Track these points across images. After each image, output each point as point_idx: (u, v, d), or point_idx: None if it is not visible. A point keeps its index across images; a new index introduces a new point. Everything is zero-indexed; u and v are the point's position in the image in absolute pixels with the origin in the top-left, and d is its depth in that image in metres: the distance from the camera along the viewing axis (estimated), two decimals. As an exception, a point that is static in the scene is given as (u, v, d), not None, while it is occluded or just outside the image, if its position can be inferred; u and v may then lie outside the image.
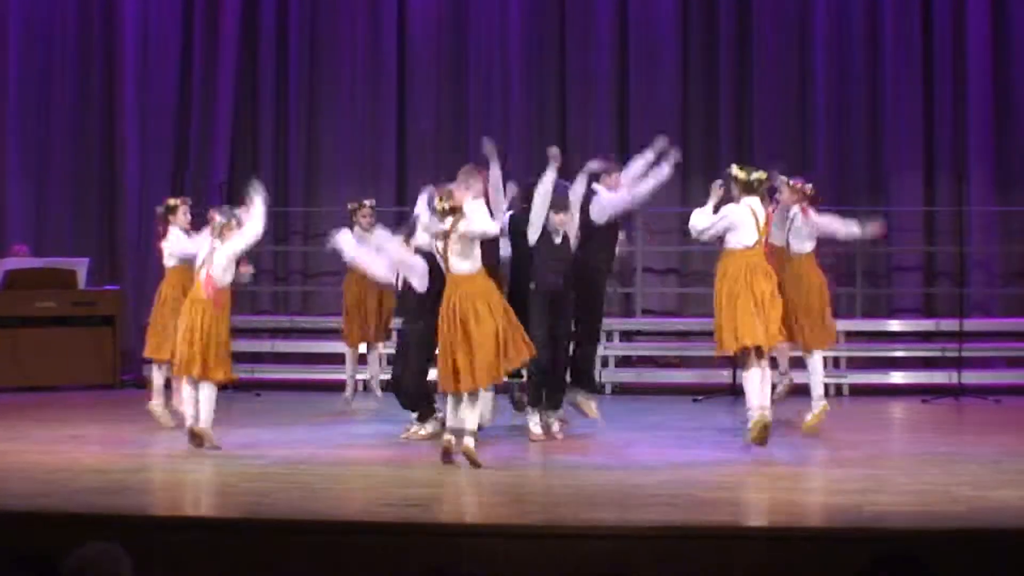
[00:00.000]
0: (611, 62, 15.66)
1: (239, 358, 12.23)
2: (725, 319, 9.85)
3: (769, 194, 10.63)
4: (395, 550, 7.18)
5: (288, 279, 16.23)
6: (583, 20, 15.70)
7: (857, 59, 15.35)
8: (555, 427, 10.64)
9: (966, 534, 7.22)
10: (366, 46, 15.92)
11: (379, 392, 12.68)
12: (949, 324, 14.12)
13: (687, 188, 15.67)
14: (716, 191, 10.04)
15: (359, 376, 13.06)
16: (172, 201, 11.53)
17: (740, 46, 15.54)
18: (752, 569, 7.01)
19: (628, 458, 9.79)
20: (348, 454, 9.99)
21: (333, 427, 11.43)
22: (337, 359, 13.55)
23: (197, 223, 11.34)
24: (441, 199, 9.36)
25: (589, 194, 10.68)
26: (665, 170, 10.94)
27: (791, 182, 10.99)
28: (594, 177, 10.78)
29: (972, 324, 14.27)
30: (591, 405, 10.94)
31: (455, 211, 9.30)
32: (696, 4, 15.65)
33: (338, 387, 13.15)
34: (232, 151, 15.85)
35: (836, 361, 13.95)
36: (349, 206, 12.76)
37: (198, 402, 10.04)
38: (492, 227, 9.57)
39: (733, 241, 9.87)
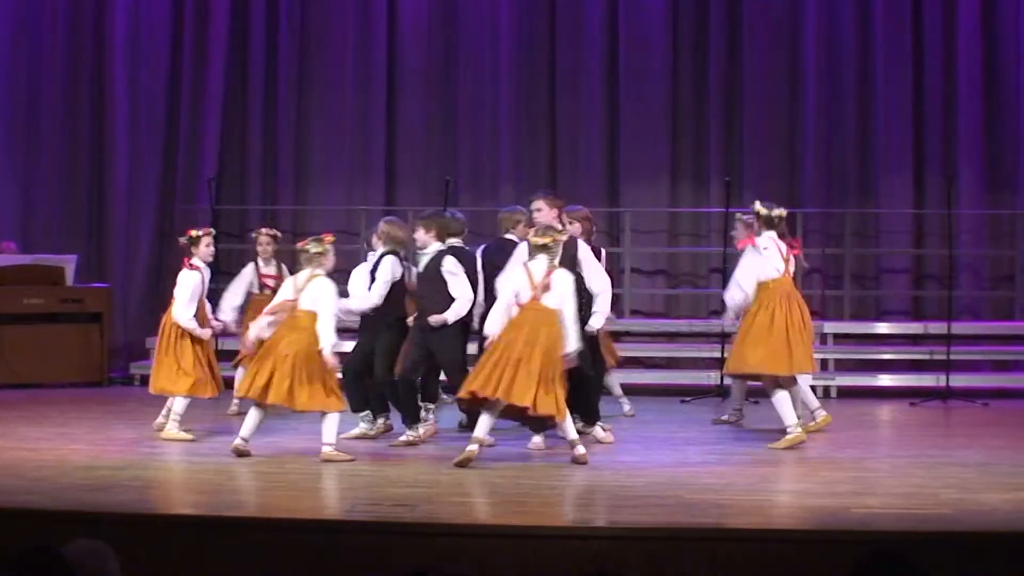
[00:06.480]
0: (601, 62, 15.66)
1: (227, 356, 12.28)
2: (750, 343, 10.10)
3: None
4: (381, 550, 7.18)
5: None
6: (574, 20, 15.69)
7: (847, 61, 15.36)
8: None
9: (952, 536, 7.24)
10: (356, 45, 15.89)
11: None
12: (937, 327, 14.16)
13: (675, 189, 15.70)
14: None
15: None
16: (195, 232, 10.87)
17: (730, 46, 15.54)
18: (740, 571, 7.02)
19: (616, 459, 9.79)
20: (336, 453, 9.96)
21: (319, 426, 11.37)
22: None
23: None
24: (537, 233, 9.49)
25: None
26: None
27: None
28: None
29: (960, 327, 14.30)
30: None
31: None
32: (686, 4, 15.66)
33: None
34: (221, 149, 15.80)
35: (824, 363, 13.97)
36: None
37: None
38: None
39: (764, 274, 10.21)
